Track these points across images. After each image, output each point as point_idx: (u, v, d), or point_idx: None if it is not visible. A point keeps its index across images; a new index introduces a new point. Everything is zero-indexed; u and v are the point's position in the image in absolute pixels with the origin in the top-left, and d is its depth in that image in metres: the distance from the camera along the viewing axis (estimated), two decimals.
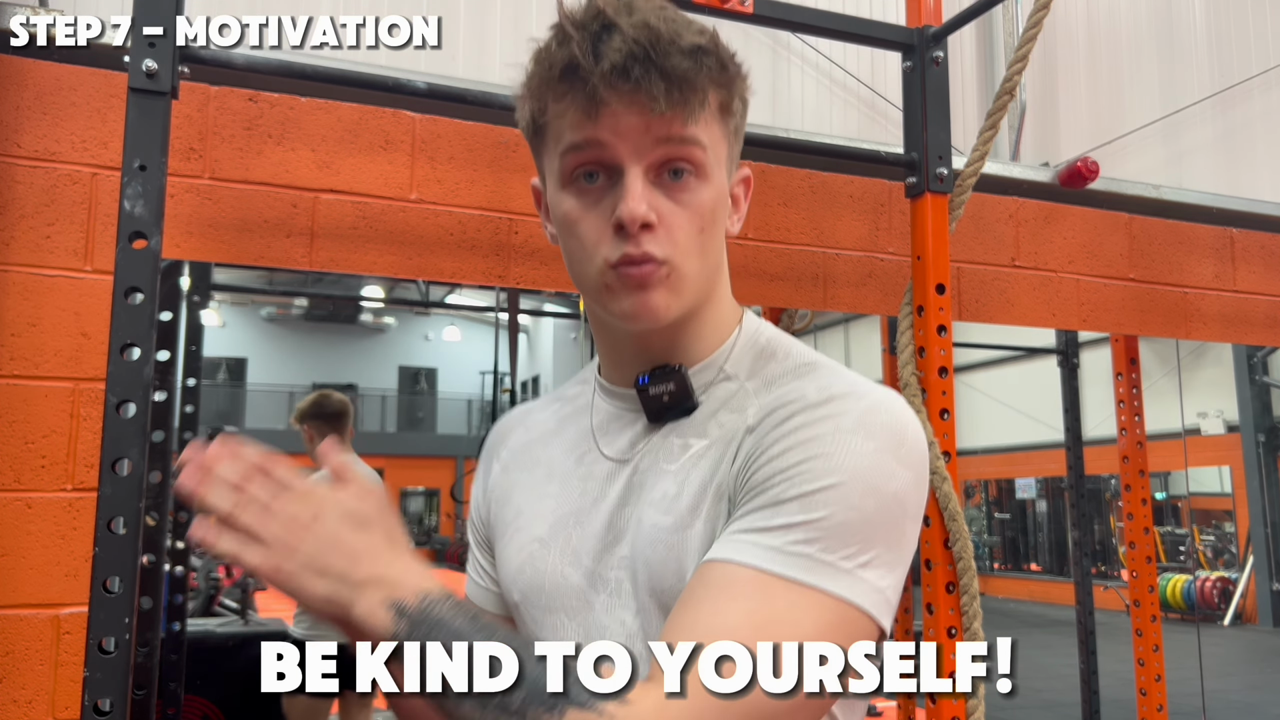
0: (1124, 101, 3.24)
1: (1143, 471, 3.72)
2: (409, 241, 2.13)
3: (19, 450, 1.81)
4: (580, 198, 0.73)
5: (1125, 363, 3.78)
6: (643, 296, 0.72)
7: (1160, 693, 3.54)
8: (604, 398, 0.83)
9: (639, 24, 0.68)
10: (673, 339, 0.78)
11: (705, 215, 0.74)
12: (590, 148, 0.71)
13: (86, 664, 1.43)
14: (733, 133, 0.77)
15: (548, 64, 0.72)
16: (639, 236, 0.70)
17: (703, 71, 0.70)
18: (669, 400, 0.77)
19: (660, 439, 0.78)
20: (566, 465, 0.82)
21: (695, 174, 0.73)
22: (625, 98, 0.69)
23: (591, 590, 0.76)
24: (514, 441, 0.89)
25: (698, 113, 0.71)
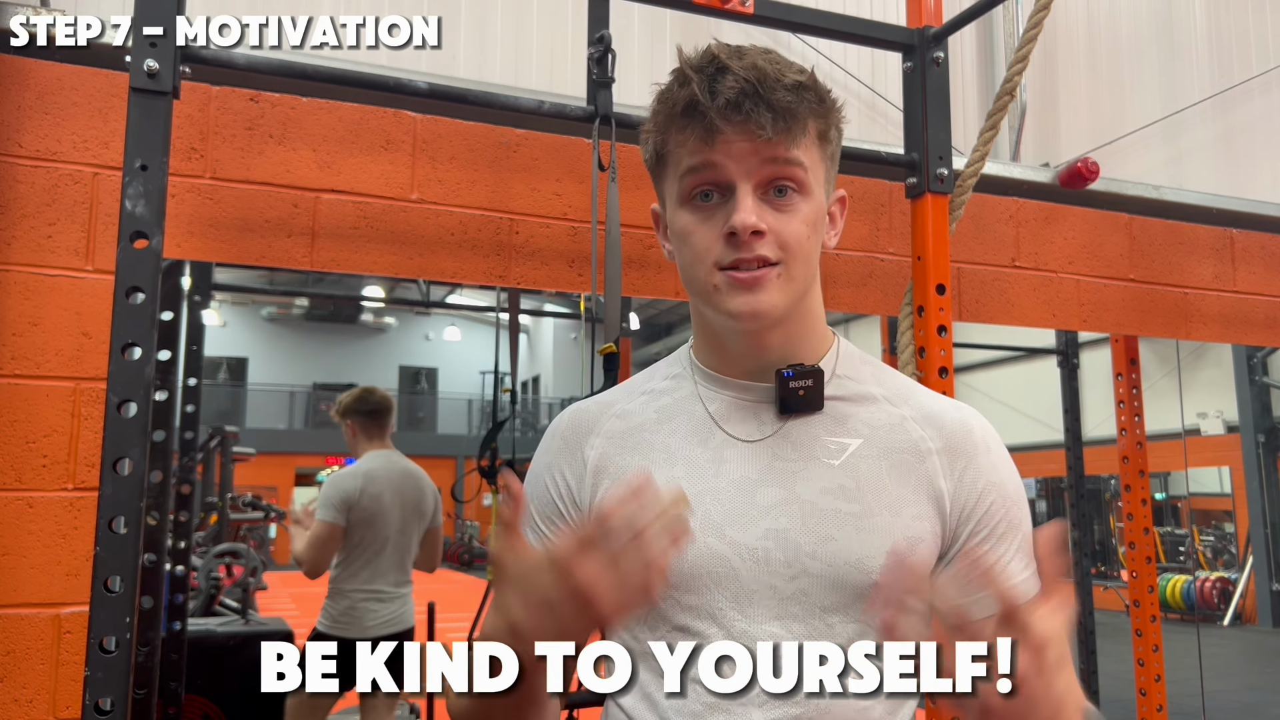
0: (1124, 102, 3.24)
1: (1142, 472, 3.72)
2: (410, 241, 2.14)
3: (20, 450, 1.81)
4: (696, 213, 0.85)
5: (1125, 363, 3.79)
6: (753, 295, 0.83)
7: (1160, 693, 3.54)
8: (714, 388, 0.92)
9: (748, 65, 0.82)
10: (784, 339, 0.89)
11: (808, 225, 0.86)
12: (706, 169, 0.84)
13: (87, 663, 1.43)
14: (829, 158, 0.89)
15: (671, 103, 0.85)
16: (750, 242, 0.82)
17: (803, 104, 0.83)
18: (804, 395, 0.88)
19: (799, 430, 0.89)
20: (689, 449, 0.89)
21: (798, 190, 0.85)
22: (737, 127, 0.82)
23: (736, 557, 0.84)
24: (609, 429, 0.94)
25: (799, 138, 0.84)
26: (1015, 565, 0.85)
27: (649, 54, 2.63)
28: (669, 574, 0.81)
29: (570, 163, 2.29)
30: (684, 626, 0.84)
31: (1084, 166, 2.76)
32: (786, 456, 0.88)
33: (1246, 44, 3.39)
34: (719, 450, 0.89)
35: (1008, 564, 0.84)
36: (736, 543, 0.85)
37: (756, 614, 0.83)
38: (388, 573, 3.21)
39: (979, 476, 0.87)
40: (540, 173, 2.26)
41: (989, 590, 0.68)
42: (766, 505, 0.86)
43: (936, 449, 0.88)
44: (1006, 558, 0.85)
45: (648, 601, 0.71)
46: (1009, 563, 0.85)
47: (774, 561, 0.84)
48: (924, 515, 0.86)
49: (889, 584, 0.74)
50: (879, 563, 0.83)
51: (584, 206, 2.28)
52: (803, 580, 0.83)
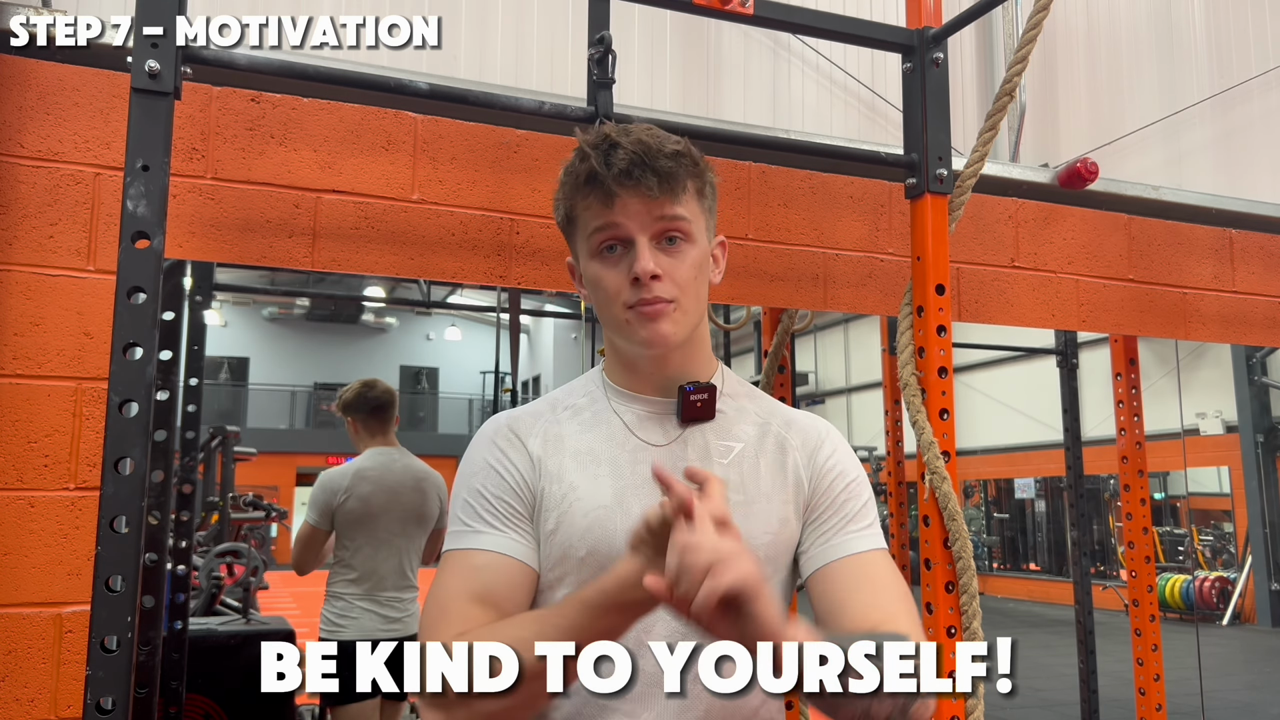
0: (1123, 103, 3.25)
1: (1141, 471, 3.72)
2: (410, 242, 2.14)
3: (22, 449, 1.81)
4: (604, 263, 1.04)
5: (1124, 363, 3.79)
6: (656, 326, 1.02)
7: (1159, 692, 3.55)
8: (625, 403, 1.11)
9: (635, 141, 1.00)
10: (682, 361, 1.08)
11: (695, 267, 1.05)
12: (610, 228, 1.02)
13: (89, 662, 1.44)
14: (707, 210, 1.08)
15: (575, 175, 1.03)
16: (650, 284, 1.01)
17: (681, 167, 1.02)
18: (700, 407, 1.08)
19: (696, 436, 1.09)
20: (611, 452, 1.07)
21: (685, 239, 1.04)
22: (630, 190, 1.00)
23: None
24: (543, 432, 1.09)
25: (681, 195, 1.02)
26: (852, 525, 1.07)
27: (649, 55, 2.64)
28: (602, 555, 1.00)
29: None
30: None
31: (1083, 167, 2.76)
32: (688, 458, 1.07)
33: (1246, 44, 3.39)
34: (634, 453, 1.07)
35: (846, 523, 1.06)
36: None
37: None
38: (386, 578, 3.11)
39: (826, 461, 1.10)
40: (541, 173, 2.27)
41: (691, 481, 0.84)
42: None
43: (796, 445, 1.11)
44: (846, 518, 1.07)
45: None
46: (847, 522, 1.06)
47: None
48: (790, 500, 1.08)
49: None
50: (762, 541, 1.05)
51: None
52: None
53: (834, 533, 1.06)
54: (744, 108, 2.76)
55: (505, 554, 1.02)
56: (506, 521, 1.04)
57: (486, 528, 1.03)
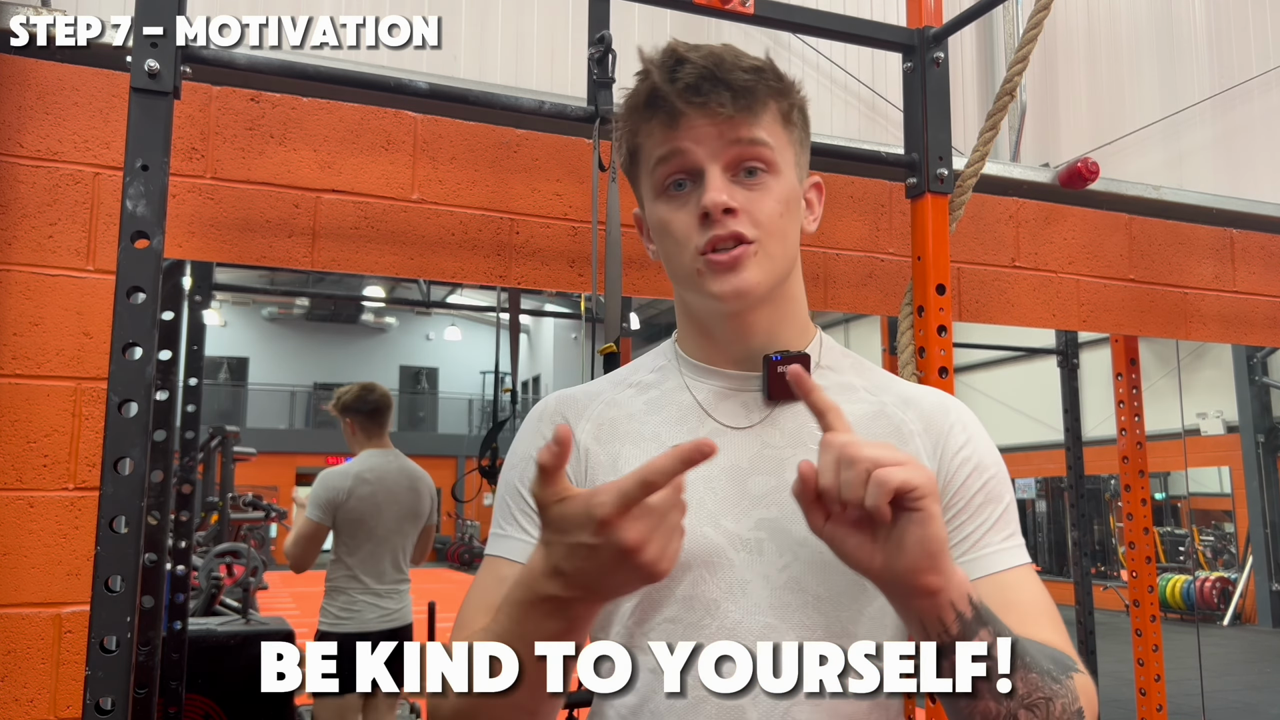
0: (1124, 102, 3.25)
1: (1142, 472, 3.72)
2: (410, 241, 2.14)
3: (21, 449, 1.81)
4: (671, 203, 0.86)
5: (1125, 363, 3.79)
6: (734, 276, 0.84)
7: (1160, 693, 3.54)
8: (699, 377, 0.93)
9: (706, 54, 0.83)
10: (769, 323, 0.90)
11: (782, 202, 0.86)
12: (674, 157, 0.84)
13: (88, 662, 1.44)
14: (797, 141, 0.90)
15: (635, 96, 0.86)
16: (723, 220, 0.83)
17: (761, 83, 0.84)
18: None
19: (787, 418, 0.90)
20: (680, 437, 0.89)
21: (768, 170, 0.85)
22: (699, 109, 0.83)
23: (730, 548, 0.84)
24: (598, 415, 0.93)
25: (761, 116, 0.85)
26: (992, 535, 0.86)
27: None
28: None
29: (571, 163, 2.29)
30: (676, 618, 0.84)
31: (1084, 167, 2.76)
32: (775, 444, 0.88)
33: (1246, 44, 3.39)
34: (708, 437, 0.85)
35: (986, 533, 0.86)
36: (731, 533, 0.85)
37: (750, 604, 0.83)
38: (384, 571, 3.23)
39: (957, 453, 0.89)
40: (541, 173, 2.26)
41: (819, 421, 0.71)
42: (758, 494, 0.86)
43: (918, 431, 0.90)
44: (985, 527, 0.86)
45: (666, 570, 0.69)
46: (987, 531, 0.86)
47: (767, 551, 0.84)
48: None
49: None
50: None
51: (584, 207, 2.28)
52: (794, 568, 0.84)
53: (971, 545, 0.86)
54: None
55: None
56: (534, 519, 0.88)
57: (519, 531, 0.90)
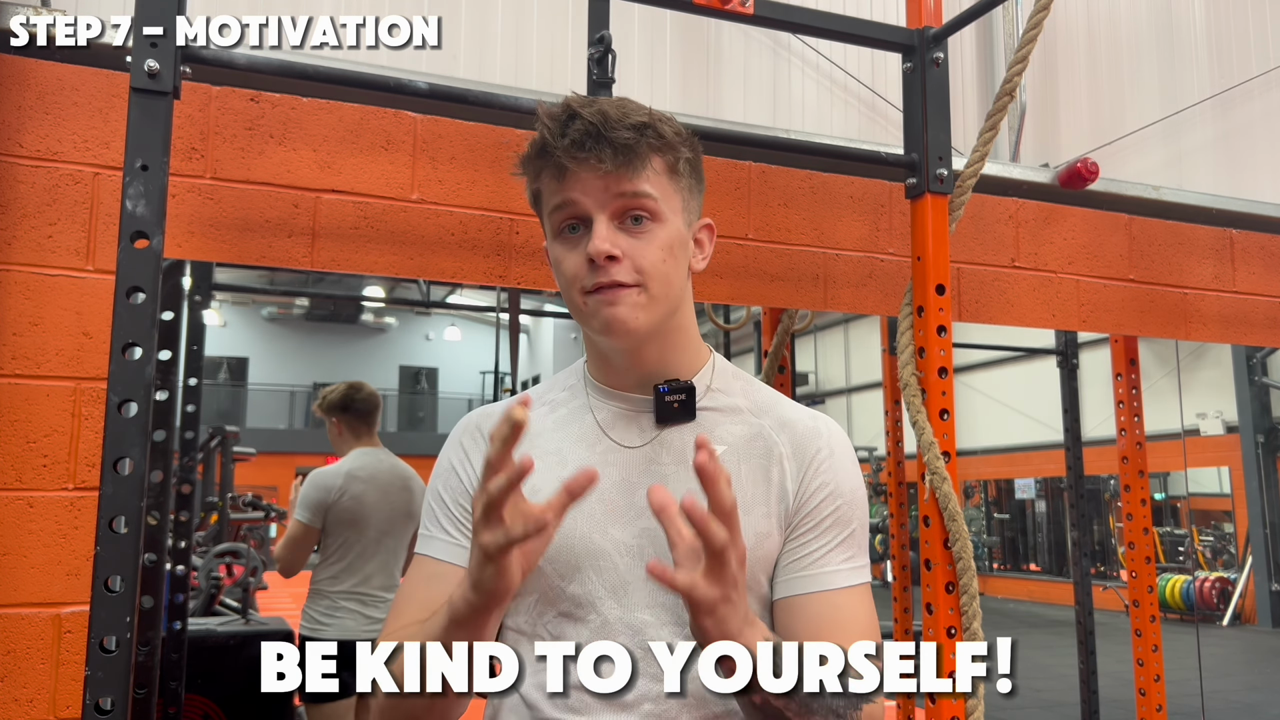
0: (1124, 102, 3.25)
1: (1142, 472, 3.72)
2: (410, 241, 2.14)
3: (21, 449, 1.81)
4: (564, 244, 0.96)
5: (1125, 363, 3.79)
6: (613, 311, 0.93)
7: (1159, 693, 3.54)
8: (602, 399, 1.03)
9: (596, 112, 0.92)
10: (659, 354, 1.00)
11: (664, 249, 0.95)
12: (567, 206, 0.94)
13: (88, 663, 1.44)
14: (685, 189, 0.98)
15: (531, 147, 0.96)
16: (606, 266, 0.92)
17: (643, 141, 0.93)
18: (678, 407, 0.99)
19: (674, 438, 0.99)
20: (579, 453, 1.00)
21: (651, 218, 0.94)
22: (582, 164, 0.92)
23: (615, 552, 0.95)
24: None
25: (642, 171, 0.93)
26: (833, 555, 0.97)
27: (649, 54, 2.64)
28: (560, 564, 0.95)
29: None
30: (567, 613, 0.95)
31: (1084, 167, 2.76)
32: (662, 461, 0.99)
33: (1246, 44, 3.39)
34: (604, 455, 1.00)
35: (827, 553, 0.96)
36: (616, 539, 0.95)
37: (631, 602, 0.94)
38: (373, 576, 3.13)
39: (816, 476, 0.99)
40: None
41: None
42: (643, 505, 0.94)
43: (787, 454, 0.99)
44: (828, 548, 0.97)
45: (527, 567, 0.80)
46: (828, 552, 0.96)
47: (647, 555, 0.94)
48: (772, 513, 0.97)
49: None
50: None
51: None
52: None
53: (812, 562, 0.96)
54: (744, 107, 2.75)
55: (455, 564, 0.98)
56: (460, 527, 1.00)
57: (441, 534, 1.01)
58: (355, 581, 3.13)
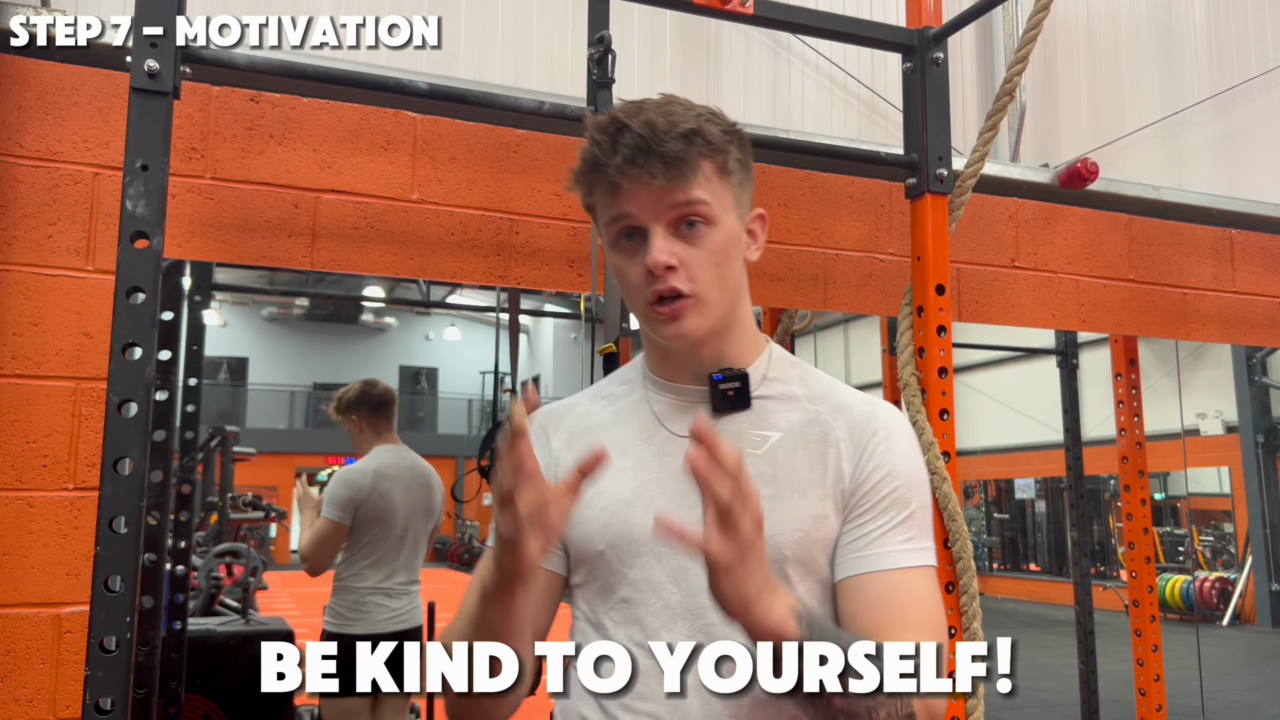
0: (1124, 103, 3.25)
1: (1142, 472, 3.72)
2: (410, 242, 2.14)
3: (21, 449, 1.81)
4: (623, 254, 1.00)
5: (1124, 363, 3.79)
6: (676, 325, 0.97)
7: (1159, 693, 3.54)
8: (659, 392, 1.07)
9: (643, 123, 0.94)
10: (716, 350, 1.03)
11: (719, 253, 0.98)
12: (622, 219, 0.98)
13: (88, 663, 1.44)
14: (737, 185, 1.01)
15: (583, 161, 1.00)
16: (665, 276, 0.96)
17: (694, 149, 0.95)
18: (733, 396, 1.02)
19: (729, 426, 1.02)
20: (637, 445, 1.04)
21: (704, 223, 0.97)
22: (635, 180, 0.95)
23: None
24: (571, 426, 1.09)
25: (692, 179, 0.95)
26: (892, 535, 0.97)
27: (649, 54, 2.64)
28: (622, 550, 0.99)
29: (570, 163, 2.26)
30: (629, 598, 0.99)
31: (1083, 167, 2.76)
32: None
33: (1246, 45, 3.39)
34: (662, 445, 1.03)
35: (884, 533, 0.97)
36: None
37: (691, 587, 0.96)
38: (397, 571, 3.17)
39: (873, 458, 1.00)
40: (540, 173, 2.27)
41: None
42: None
43: (843, 437, 1.01)
44: (885, 528, 0.98)
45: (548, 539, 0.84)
46: (886, 532, 0.97)
47: None
48: (828, 495, 0.99)
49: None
50: (787, 539, 0.97)
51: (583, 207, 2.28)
52: None
53: (869, 541, 0.97)
54: (744, 107, 2.75)
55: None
56: None
57: None
58: (381, 577, 3.16)
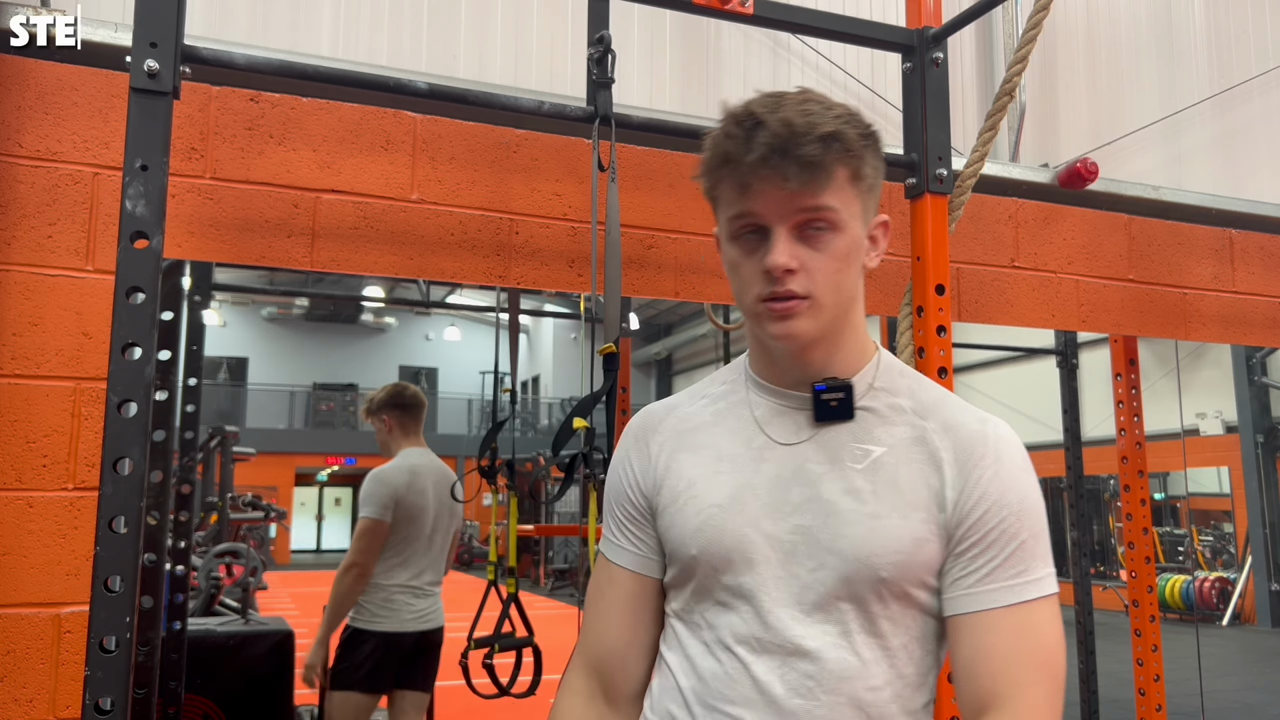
0: (1123, 103, 3.25)
1: (1141, 472, 3.72)
2: (410, 241, 2.14)
3: (20, 449, 1.81)
4: (741, 249, 0.97)
5: (1124, 363, 3.79)
6: (787, 324, 0.94)
7: (1159, 693, 3.55)
8: (761, 395, 1.04)
9: (781, 121, 0.91)
10: (824, 355, 1.00)
11: (840, 259, 0.95)
12: (745, 216, 0.94)
13: (87, 663, 1.44)
14: (866, 191, 0.99)
15: (715, 153, 0.95)
16: (784, 278, 0.93)
17: (830, 154, 0.92)
18: (836, 406, 0.99)
19: (830, 437, 0.99)
20: (735, 449, 1.02)
21: (830, 229, 0.94)
22: (767, 180, 0.92)
23: (768, 547, 0.96)
24: (671, 427, 1.08)
25: (825, 185, 0.92)
26: (1003, 570, 0.93)
27: (649, 55, 2.64)
28: (714, 555, 0.97)
29: (570, 163, 2.29)
30: (723, 603, 0.97)
31: (1083, 167, 2.76)
32: (816, 460, 0.98)
33: (1245, 45, 3.39)
34: (760, 451, 1.01)
35: (993, 570, 0.93)
36: (770, 534, 0.96)
37: (782, 597, 0.95)
38: (425, 570, 3.20)
39: (979, 486, 0.95)
40: (540, 173, 2.26)
41: None
42: (796, 502, 0.97)
43: (949, 460, 0.97)
44: (993, 564, 0.93)
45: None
46: (995, 569, 0.93)
47: (799, 554, 0.95)
48: (931, 519, 0.95)
49: None
50: (885, 560, 0.93)
51: (584, 207, 2.28)
52: (821, 572, 0.94)
53: (979, 579, 0.94)
54: None
55: (623, 566, 1.07)
56: (625, 529, 1.08)
57: (612, 535, 1.09)
58: (409, 575, 3.18)
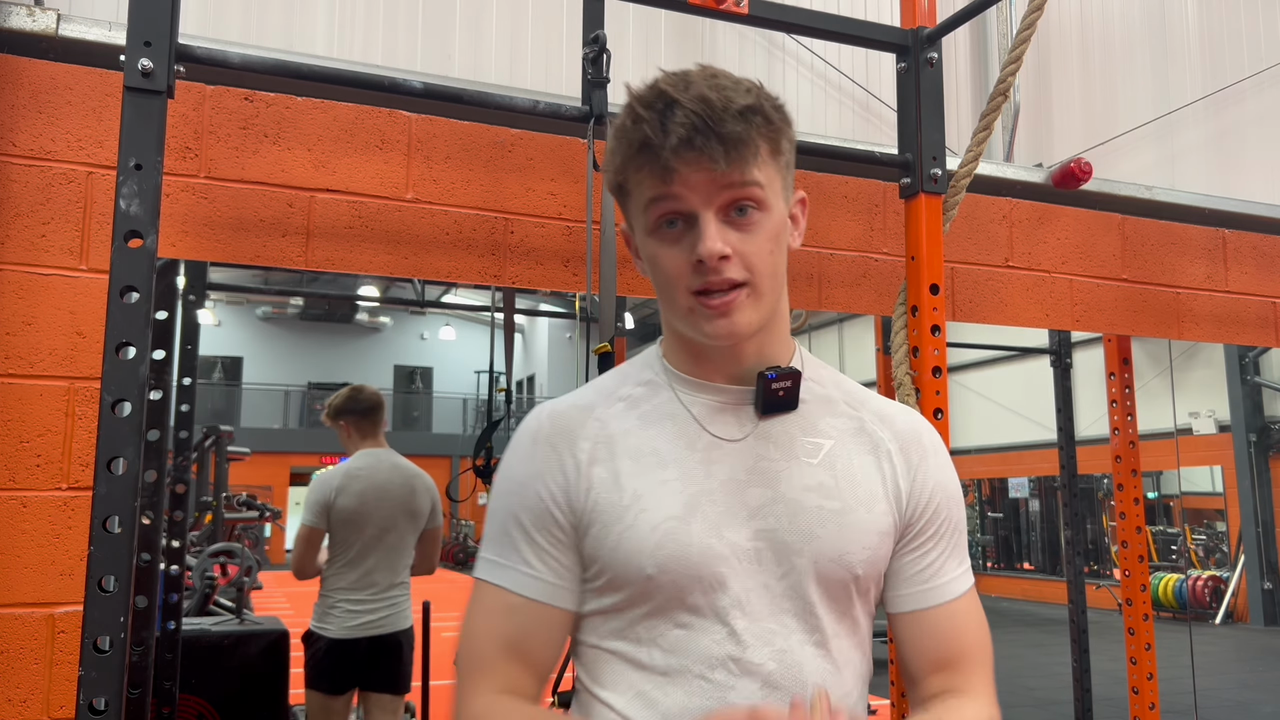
0: (1117, 103, 3.26)
1: (1135, 471, 3.74)
2: (405, 241, 2.14)
3: (14, 449, 1.81)
4: (663, 241, 0.88)
5: (1118, 363, 3.80)
6: (729, 320, 0.87)
7: (1152, 691, 3.56)
8: (692, 391, 0.95)
9: (695, 98, 0.84)
10: (759, 347, 0.93)
11: (772, 239, 0.89)
12: (668, 200, 0.86)
13: (81, 663, 1.43)
14: (785, 167, 0.91)
15: (627, 142, 0.87)
16: (718, 267, 0.85)
17: (752, 129, 0.85)
18: (783, 395, 0.93)
19: (777, 429, 0.93)
20: (678, 451, 0.92)
21: (758, 208, 0.87)
22: (691, 163, 0.84)
23: (735, 558, 0.89)
24: (594, 433, 0.94)
25: (752, 161, 0.86)
26: (950, 564, 0.96)
27: (644, 54, 2.64)
28: (678, 574, 0.88)
29: (565, 162, 2.29)
30: (686, 624, 0.88)
31: (1077, 167, 2.77)
32: (769, 456, 0.92)
33: (1239, 45, 3.40)
34: (706, 451, 0.92)
35: (945, 561, 0.95)
36: (733, 543, 0.89)
37: (755, 611, 0.88)
38: (373, 573, 3.18)
39: (929, 477, 0.96)
40: (535, 172, 2.27)
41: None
42: (755, 505, 0.90)
43: (894, 450, 0.96)
44: (945, 555, 0.96)
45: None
46: (947, 560, 0.96)
47: (766, 562, 0.89)
48: (888, 510, 0.94)
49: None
50: (859, 557, 0.90)
51: (579, 206, 2.28)
52: (792, 577, 0.89)
53: (934, 572, 0.94)
54: None
55: (537, 600, 0.91)
56: (545, 557, 0.91)
57: (520, 563, 0.92)
58: (356, 577, 3.17)
